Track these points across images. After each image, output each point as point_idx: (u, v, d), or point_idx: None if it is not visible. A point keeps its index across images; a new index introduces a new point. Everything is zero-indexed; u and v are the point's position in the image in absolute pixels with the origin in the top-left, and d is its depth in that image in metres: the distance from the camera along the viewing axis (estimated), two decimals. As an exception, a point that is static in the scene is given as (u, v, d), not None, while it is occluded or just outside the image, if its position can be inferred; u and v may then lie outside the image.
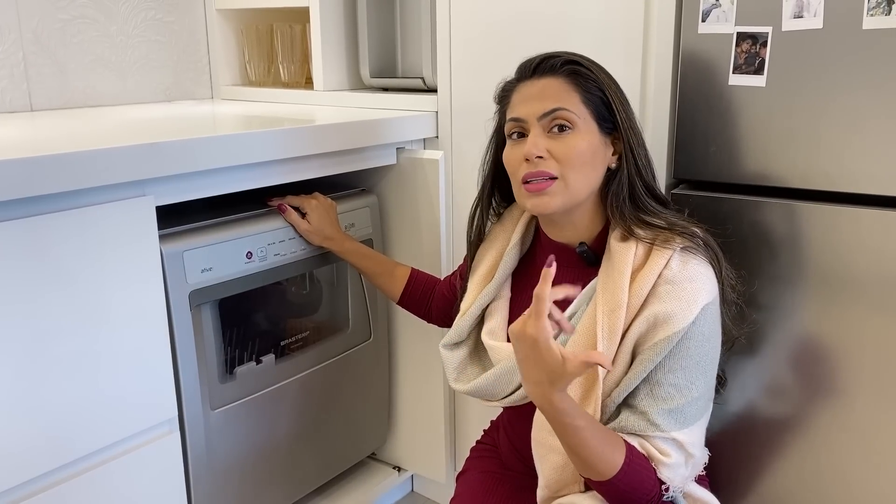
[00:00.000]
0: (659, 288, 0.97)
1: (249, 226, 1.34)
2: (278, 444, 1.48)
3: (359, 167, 1.51)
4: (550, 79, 1.03)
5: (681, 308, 0.96)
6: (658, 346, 0.96)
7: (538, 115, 1.01)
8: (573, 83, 1.02)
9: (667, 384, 0.97)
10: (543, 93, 1.02)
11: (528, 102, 1.03)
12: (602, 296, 1.00)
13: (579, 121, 1.01)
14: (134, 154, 1.08)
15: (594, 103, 1.02)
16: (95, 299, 1.08)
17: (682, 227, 1.02)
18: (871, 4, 1.05)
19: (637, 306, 0.98)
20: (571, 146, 1.00)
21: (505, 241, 1.16)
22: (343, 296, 1.61)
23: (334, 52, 1.80)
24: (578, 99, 1.02)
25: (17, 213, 0.99)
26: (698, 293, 0.97)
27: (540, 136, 1.01)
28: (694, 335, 0.97)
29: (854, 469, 1.20)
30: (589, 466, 0.95)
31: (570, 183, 1.00)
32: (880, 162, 1.09)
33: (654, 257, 0.99)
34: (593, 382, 1.00)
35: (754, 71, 1.17)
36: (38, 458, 1.05)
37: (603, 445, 0.94)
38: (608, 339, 0.98)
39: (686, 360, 0.97)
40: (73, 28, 1.73)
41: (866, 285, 1.13)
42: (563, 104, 1.01)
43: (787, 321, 1.21)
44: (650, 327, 0.97)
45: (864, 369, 1.15)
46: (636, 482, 0.95)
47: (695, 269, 0.98)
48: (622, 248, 1.01)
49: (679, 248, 0.99)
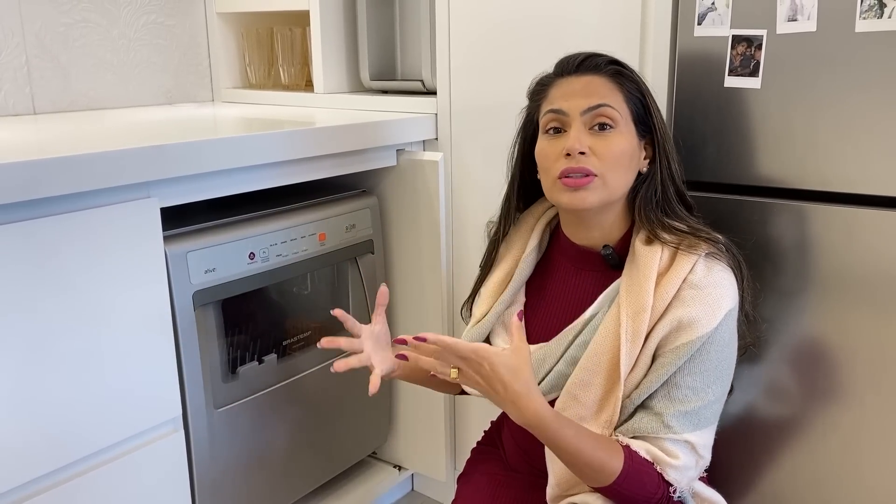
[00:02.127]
0: (683, 292, 0.98)
1: (252, 227, 1.36)
2: (280, 443, 1.49)
3: (359, 169, 1.52)
4: (594, 76, 1.03)
5: (705, 313, 0.97)
6: (680, 349, 0.97)
7: (582, 109, 1.01)
8: (616, 83, 1.03)
9: (684, 387, 0.98)
10: (588, 88, 1.02)
11: (572, 97, 1.02)
12: (626, 298, 1.01)
13: (621, 120, 1.01)
14: (138, 156, 1.09)
15: (635, 105, 1.04)
16: (100, 300, 1.10)
17: (706, 232, 1.03)
18: (863, 7, 1.07)
19: (661, 310, 0.99)
20: (614, 144, 1.01)
21: (521, 247, 1.15)
22: (344, 296, 1.62)
23: (334, 55, 1.82)
24: (622, 98, 1.02)
25: (24, 215, 1.01)
26: (722, 299, 0.98)
27: (582, 132, 1.01)
28: (716, 340, 0.98)
29: (853, 470, 1.21)
30: (588, 474, 0.96)
31: (608, 181, 1.01)
32: (874, 162, 1.11)
33: (680, 261, 1.00)
34: (614, 384, 1.01)
35: (749, 73, 1.18)
36: (44, 456, 1.07)
37: (598, 451, 0.95)
38: (632, 341, 0.99)
39: (706, 364, 0.98)
40: (76, 32, 1.74)
41: (862, 284, 1.15)
42: (608, 101, 1.01)
43: (785, 320, 1.22)
44: (673, 330, 0.98)
45: (861, 369, 1.17)
46: (638, 485, 0.96)
47: (719, 274, 0.99)
48: (647, 251, 1.01)
49: (704, 253, 1.00)
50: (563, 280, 1.12)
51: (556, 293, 1.12)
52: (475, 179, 1.57)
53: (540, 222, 1.16)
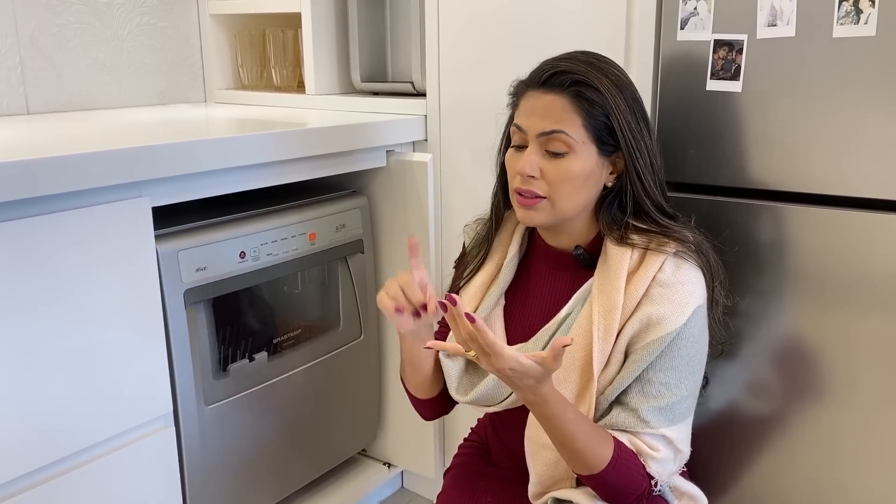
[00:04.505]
0: (653, 290, 1.01)
1: (243, 226, 1.37)
2: (271, 440, 1.51)
3: (349, 169, 1.54)
4: (556, 96, 1.02)
5: (673, 310, 1.00)
6: (651, 346, 1.00)
7: (537, 132, 1.03)
8: (577, 106, 1.01)
9: (657, 382, 1.01)
10: (546, 111, 1.02)
11: (531, 116, 1.04)
12: (598, 297, 1.03)
13: (577, 145, 1.02)
14: (131, 156, 1.11)
15: (595, 127, 1.02)
16: (92, 298, 1.11)
17: (676, 232, 1.05)
18: (840, 13, 1.10)
19: (631, 308, 1.02)
20: (564, 170, 1.02)
21: (503, 252, 1.17)
22: (334, 295, 1.64)
23: (326, 57, 1.83)
24: (579, 123, 1.02)
25: (17, 213, 1.02)
26: (690, 296, 1.01)
27: (535, 154, 1.03)
28: (685, 336, 1.00)
29: (831, 466, 1.23)
30: (579, 460, 0.98)
31: (556, 204, 1.03)
32: (851, 164, 1.14)
33: (649, 261, 1.02)
34: (588, 381, 1.03)
35: (731, 77, 1.21)
36: (35, 452, 1.08)
37: (591, 438, 0.97)
38: (604, 339, 1.02)
39: (676, 360, 1.01)
40: (69, 32, 1.76)
41: (839, 283, 1.17)
42: (562, 126, 1.01)
43: (765, 319, 1.25)
44: (643, 328, 1.01)
45: (838, 366, 1.19)
46: (625, 476, 0.99)
47: (686, 273, 1.02)
48: (618, 251, 1.04)
49: (672, 252, 1.02)
50: (540, 281, 1.14)
51: (535, 294, 1.14)
52: (463, 180, 1.59)
53: (520, 226, 1.17)
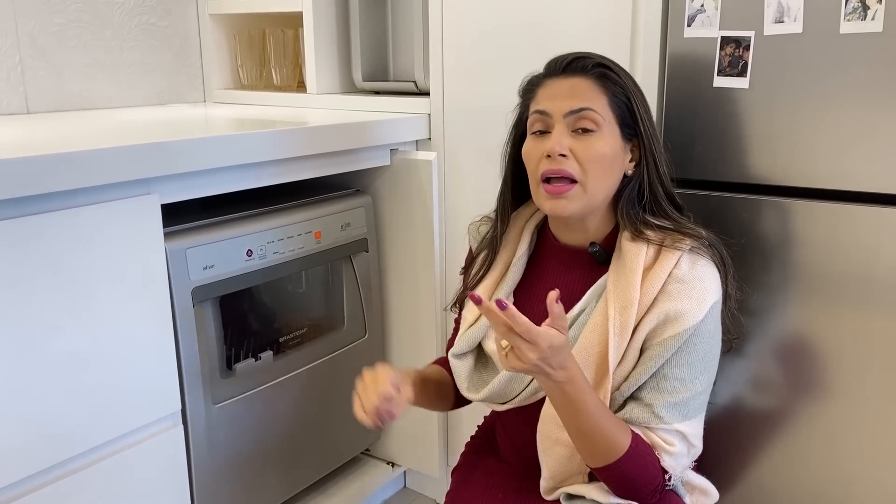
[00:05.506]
0: (669, 286, 1.01)
1: (249, 225, 1.37)
2: (276, 440, 1.50)
3: (354, 167, 1.54)
4: (580, 78, 1.04)
5: (691, 306, 1.00)
6: (668, 342, 1.00)
7: (565, 111, 1.02)
8: (602, 86, 1.03)
9: (673, 378, 1.01)
10: (572, 91, 1.03)
11: (556, 99, 1.04)
12: (614, 293, 1.03)
13: (604, 123, 1.02)
14: (140, 153, 1.11)
15: (619, 108, 1.04)
16: (100, 295, 1.11)
17: (690, 228, 1.05)
18: (847, 9, 1.11)
19: (648, 304, 1.01)
20: (594, 148, 1.02)
21: (511, 251, 1.16)
22: (339, 294, 1.64)
23: (327, 56, 1.83)
24: (606, 102, 1.03)
25: (26, 210, 1.02)
26: (707, 292, 1.01)
27: (564, 134, 1.02)
28: (702, 332, 1.01)
29: (837, 460, 1.24)
30: (597, 448, 0.98)
31: (588, 189, 1.03)
32: (857, 159, 1.15)
33: (665, 257, 1.02)
34: (603, 377, 1.03)
35: (738, 73, 1.22)
36: (44, 452, 1.07)
37: (611, 425, 0.97)
38: (619, 334, 1.02)
39: (692, 356, 1.01)
40: (69, 32, 1.75)
41: (845, 278, 1.18)
42: (590, 104, 1.02)
43: (772, 314, 1.25)
44: (660, 324, 1.01)
45: (846, 361, 1.20)
46: (640, 467, 0.99)
47: (703, 269, 1.02)
48: (633, 247, 1.04)
49: (688, 248, 1.03)
50: (552, 279, 1.14)
51: (546, 291, 1.13)
52: (468, 179, 1.60)
53: (529, 224, 1.17)
